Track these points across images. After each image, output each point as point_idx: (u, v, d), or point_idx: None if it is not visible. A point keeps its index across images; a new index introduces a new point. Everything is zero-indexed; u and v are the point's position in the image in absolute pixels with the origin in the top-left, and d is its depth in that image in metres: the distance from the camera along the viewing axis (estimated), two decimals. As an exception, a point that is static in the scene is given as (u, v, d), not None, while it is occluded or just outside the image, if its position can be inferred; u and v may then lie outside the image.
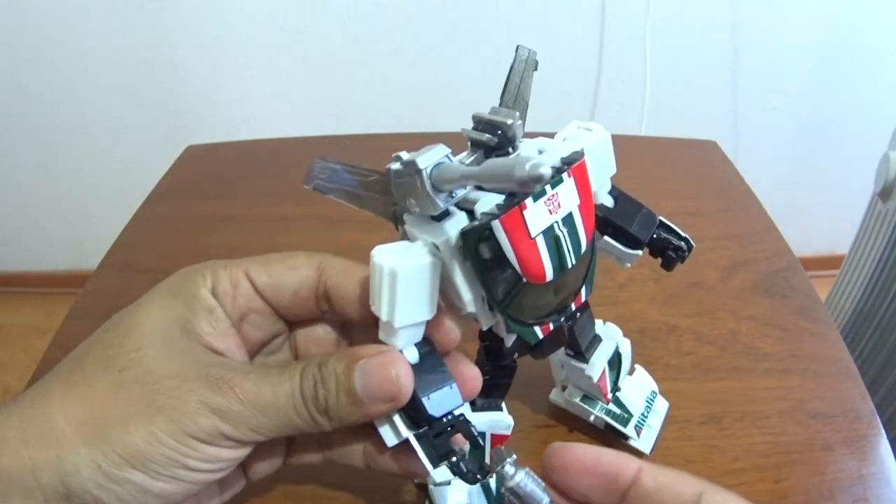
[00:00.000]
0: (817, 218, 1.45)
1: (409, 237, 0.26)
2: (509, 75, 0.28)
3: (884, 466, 0.38)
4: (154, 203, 0.65)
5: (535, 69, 0.29)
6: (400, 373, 0.25)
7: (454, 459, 0.26)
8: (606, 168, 0.32)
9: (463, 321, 0.28)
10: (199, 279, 0.27)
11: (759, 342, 0.46)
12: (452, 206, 0.25)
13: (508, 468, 0.23)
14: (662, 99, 1.28)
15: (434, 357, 0.27)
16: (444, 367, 0.27)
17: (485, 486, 0.26)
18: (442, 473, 0.26)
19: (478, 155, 0.26)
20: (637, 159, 0.66)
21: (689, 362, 0.45)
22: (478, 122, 0.26)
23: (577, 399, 0.38)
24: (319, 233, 0.59)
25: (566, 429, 0.40)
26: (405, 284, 0.24)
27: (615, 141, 0.31)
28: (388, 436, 0.27)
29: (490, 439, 0.34)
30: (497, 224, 0.23)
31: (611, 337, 0.37)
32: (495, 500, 0.25)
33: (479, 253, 0.24)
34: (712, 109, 1.33)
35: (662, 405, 0.40)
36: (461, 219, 0.25)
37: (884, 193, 0.85)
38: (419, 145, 0.24)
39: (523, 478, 0.23)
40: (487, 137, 0.26)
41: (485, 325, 0.27)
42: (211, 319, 0.27)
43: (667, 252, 0.34)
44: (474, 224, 0.24)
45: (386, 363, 0.25)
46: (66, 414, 0.24)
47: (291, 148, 0.74)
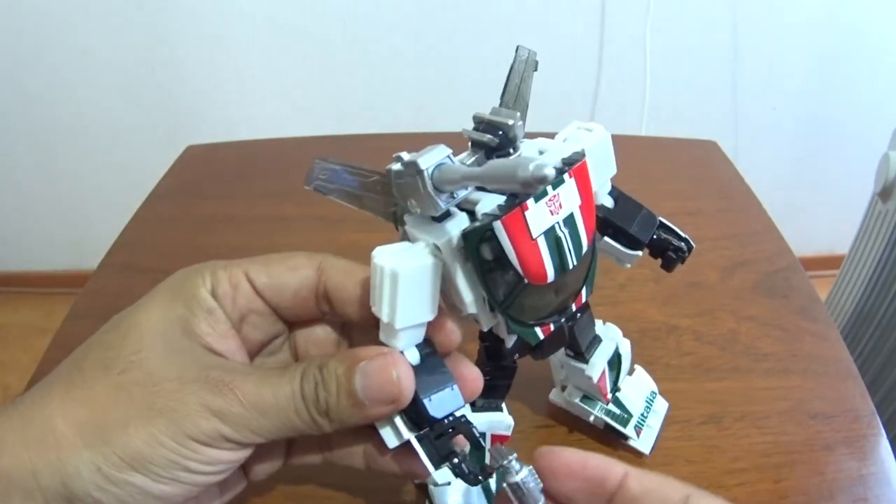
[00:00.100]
0: (817, 218, 1.45)
1: (410, 238, 0.26)
2: (509, 76, 0.28)
3: (884, 466, 0.38)
4: (154, 203, 0.65)
5: (536, 69, 0.29)
6: (401, 374, 0.25)
7: (456, 461, 0.26)
8: (607, 168, 0.32)
9: (463, 322, 0.28)
10: (199, 280, 0.27)
11: (759, 342, 0.46)
12: (453, 207, 0.25)
13: (515, 463, 0.23)
14: (662, 99, 1.28)
15: (435, 358, 0.27)
16: (445, 369, 0.27)
17: (485, 488, 0.26)
18: (443, 474, 0.26)
19: (479, 155, 0.26)
20: (637, 159, 0.66)
21: (689, 362, 0.45)
22: (479, 123, 0.26)
23: (577, 399, 0.38)
24: (319, 233, 0.59)
25: (566, 429, 0.40)
26: (406, 285, 0.24)
27: (615, 141, 0.31)
28: (389, 437, 0.27)
29: (490, 440, 0.34)
30: (499, 225, 0.23)
31: (610, 337, 0.37)
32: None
33: (481, 254, 0.24)
34: (712, 109, 1.33)
35: (662, 405, 0.40)
36: (462, 219, 0.25)
37: (884, 193, 0.85)
38: (419, 145, 0.24)
39: (527, 475, 0.23)
40: (489, 138, 0.26)
41: (485, 326, 0.27)
42: (211, 320, 0.27)
43: (667, 253, 0.34)
44: (476, 225, 0.24)
45: (387, 365, 0.25)
46: (67, 416, 0.24)
47: (291, 148, 0.74)
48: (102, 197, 1.44)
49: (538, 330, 0.28)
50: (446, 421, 0.26)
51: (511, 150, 0.26)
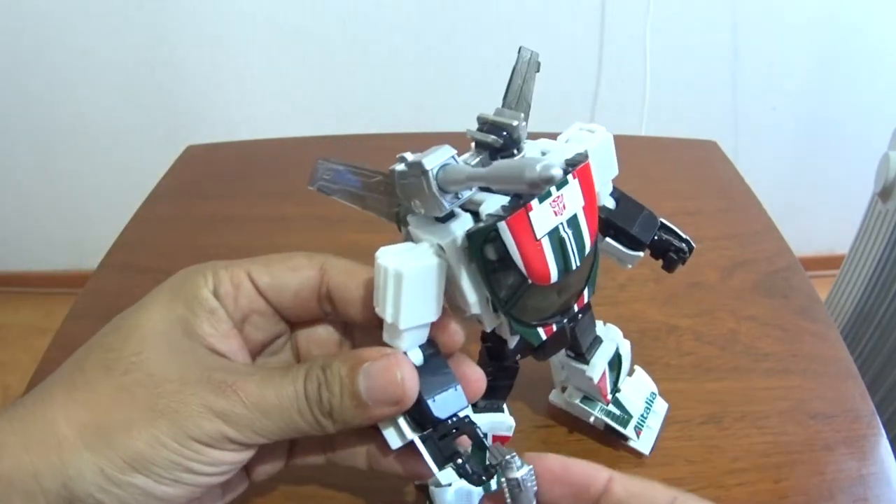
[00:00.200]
0: (817, 218, 1.45)
1: (414, 238, 0.26)
2: (512, 77, 0.28)
3: (884, 466, 0.38)
4: (154, 203, 0.65)
5: (538, 71, 0.29)
6: (405, 376, 0.25)
7: (460, 461, 0.26)
8: (608, 170, 0.32)
9: (465, 323, 0.27)
10: (201, 280, 0.27)
11: (759, 342, 0.46)
12: (457, 208, 0.25)
13: (517, 460, 0.23)
14: (662, 99, 1.28)
15: (438, 359, 0.27)
16: (449, 369, 0.27)
17: (486, 489, 0.26)
18: (447, 475, 0.26)
19: (483, 156, 0.26)
20: (637, 159, 0.66)
21: (689, 362, 0.45)
22: (483, 124, 0.26)
23: (577, 400, 0.38)
24: (319, 233, 0.59)
25: (566, 429, 0.40)
26: (411, 286, 0.24)
27: (615, 141, 0.31)
28: (393, 438, 0.27)
29: (491, 441, 0.34)
30: (503, 225, 0.23)
31: (611, 338, 0.37)
32: None
33: (485, 254, 0.24)
34: (712, 109, 1.33)
35: (662, 406, 0.40)
36: (466, 220, 0.25)
37: (884, 193, 0.85)
38: (419, 145, 0.24)
39: (527, 473, 0.23)
40: (493, 139, 0.25)
41: (488, 327, 0.27)
42: (213, 321, 0.27)
43: (668, 254, 0.34)
44: (480, 225, 0.24)
45: (390, 366, 0.25)
46: (68, 418, 0.24)
47: (291, 148, 0.74)
48: (102, 197, 1.44)
49: (541, 330, 0.28)
50: (450, 421, 0.26)
51: (515, 151, 0.26)
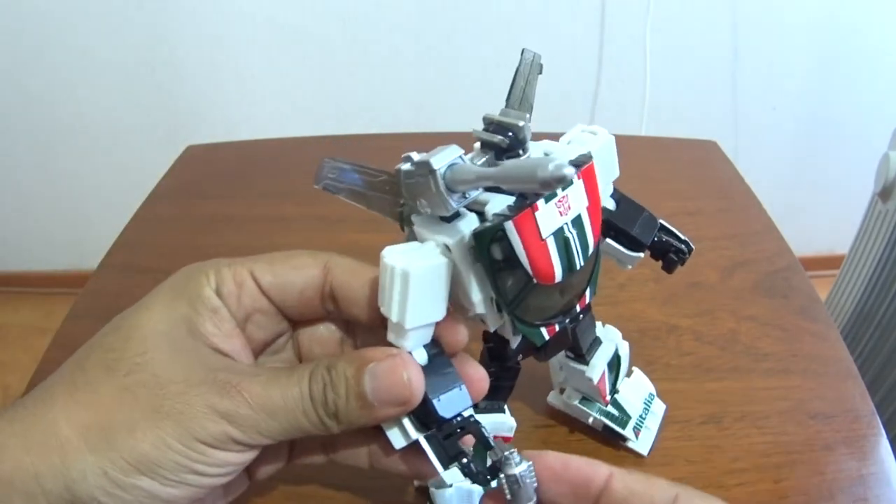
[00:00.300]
0: (817, 218, 1.45)
1: (419, 238, 0.26)
2: (515, 78, 0.28)
3: (884, 466, 0.38)
4: (154, 203, 0.65)
5: (540, 73, 0.29)
6: (412, 376, 0.25)
7: (465, 461, 0.26)
8: (610, 171, 0.32)
9: (468, 323, 0.28)
10: (203, 278, 0.27)
11: (759, 342, 0.46)
12: (462, 208, 0.25)
13: (515, 456, 0.23)
14: (662, 99, 1.28)
15: (442, 358, 0.27)
16: (453, 369, 0.27)
17: (485, 487, 0.26)
18: (452, 475, 0.26)
19: (489, 156, 0.26)
20: (637, 159, 0.66)
21: (689, 362, 0.45)
22: (488, 124, 0.26)
23: (576, 401, 0.38)
24: (319, 233, 0.59)
25: (567, 429, 0.40)
26: (417, 285, 0.24)
27: (615, 141, 0.31)
28: (397, 438, 0.27)
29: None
30: (510, 225, 0.23)
31: (610, 339, 0.37)
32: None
33: (491, 254, 0.24)
34: (712, 109, 1.33)
35: (660, 407, 0.40)
36: (472, 220, 0.25)
37: (884, 193, 0.85)
38: (419, 145, 0.24)
39: (526, 469, 0.23)
40: (500, 139, 0.25)
41: (492, 327, 0.27)
42: (216, 320, 0.27)
43: (668, 255, 0.34)
44: (487, 225, 0.24)
45: (397, 366, 0.25)
46: (70, 420, 0.24)
47: (291, 148, 0.74)
48: (102, 197, 1.44)
49: (544, 330, 0.28)
50: (455, 421, 0.26)
51: (520, 152, 0.26)
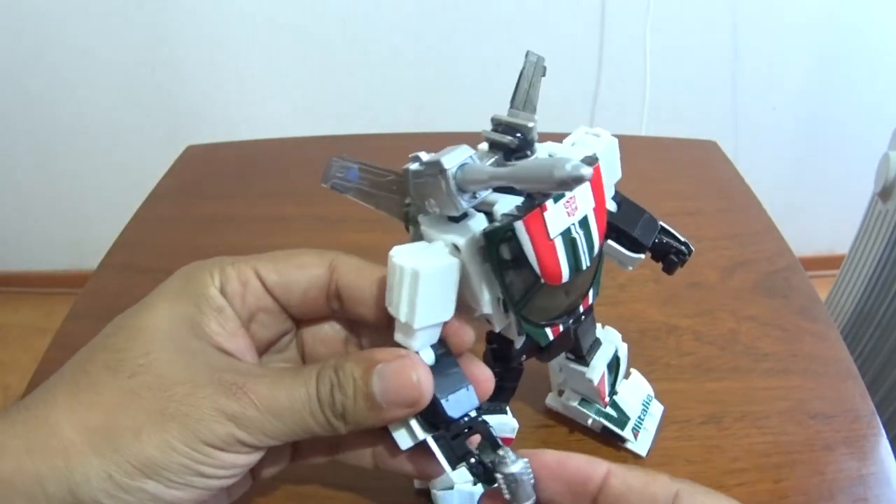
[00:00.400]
0: (817, 218, 1.45)
1: (426, 238, 0.26)
2: (519, 80, 0.28)
3: (884, 466, 0.38)
4: (154, 203, 0.65)
5: (543, 75, 0.29)
6: (421, 377, 0.24)
7: (473, 461, 0.26)
8: (613, 173, 0.32)
9: (473, 323, 0.27)
10: (207, 277, 0.27)
11: (759, 342, 0.46)
12: (470, 208, 0.25)
13: (510, 454, 0.23)
14: (662, 99, 1.28)
15: (449, 358, 0.26)
16: (459, 369, 0.27)
17: (484, 487, 0.26)
18: (460, 475, 0.26)
19: (498, 157, 0.26)
20: (637, 159, 0.66)
21: (689, 362, 0.45)
22: (497, 125, 0.26)
23: (575, 403, 0.39)
24: (319, 233, 0.59)
25: (566, 430, 0.40)
26: (427, 285, 0.24)
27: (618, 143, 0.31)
28: (403, 439, 0.26)
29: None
30: (520, 225, 0.23)
31: (610, 340, 0.37)
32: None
33: (500, 254, 0.24)
34: (712, 109, 1.33)
35: (658, 408, 0.41)
36: (480, 220, 0.25)
37: (884, 193, 0.85)
38: (419, 145, 0.24)
39: (522, 467, 0.23)
40: (509, 139, 0.26)
41: (498, 327, 0.27)
42: (220, 319, 0.26)
43: (668, 256, 0.34)
44: (496, 225, 0.24)
45: (406, 367, 0.25)
46: (73, 422, 0.23)
47: (291, 148, 0.74)
48: (102, 197, 1.44)
49: (548, 331, 0.28)
50: (462, 421, 0.26)
51: (528, 153, 0.26)
